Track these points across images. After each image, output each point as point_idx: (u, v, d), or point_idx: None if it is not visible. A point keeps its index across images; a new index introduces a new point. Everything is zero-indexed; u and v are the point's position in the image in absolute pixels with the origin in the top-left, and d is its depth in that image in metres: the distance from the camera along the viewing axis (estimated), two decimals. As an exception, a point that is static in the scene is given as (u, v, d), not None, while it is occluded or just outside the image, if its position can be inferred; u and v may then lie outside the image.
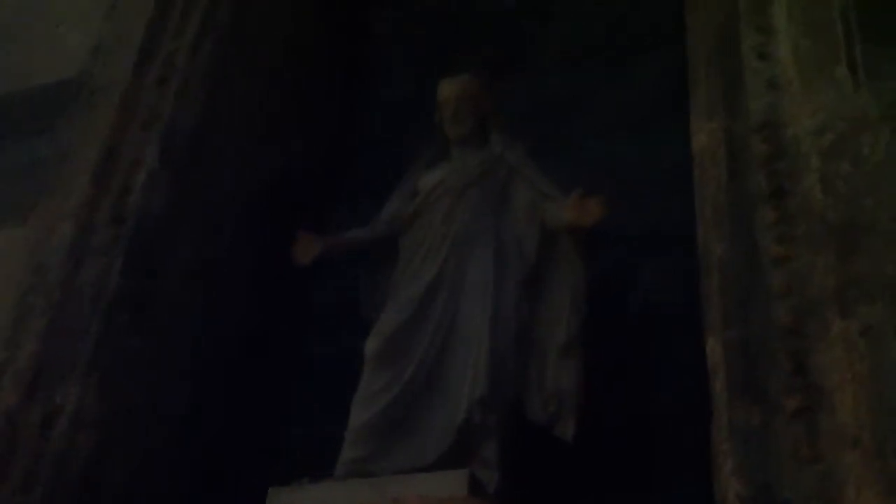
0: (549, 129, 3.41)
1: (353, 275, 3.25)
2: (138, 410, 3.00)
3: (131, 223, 3.10)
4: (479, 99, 3.22)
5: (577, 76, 3.63)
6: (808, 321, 2.20)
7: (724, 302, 2.28)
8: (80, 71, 3.55)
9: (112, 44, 3.55)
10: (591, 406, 2.75)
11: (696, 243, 2.74)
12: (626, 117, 3.43)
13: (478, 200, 3.04)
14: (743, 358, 2.20)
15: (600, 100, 3.49)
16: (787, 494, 2.04)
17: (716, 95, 2.54)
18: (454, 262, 2.93)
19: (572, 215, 2.81)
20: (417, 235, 3.04)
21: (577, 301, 2.83)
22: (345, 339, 3.22)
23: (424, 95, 3.46)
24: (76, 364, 2.87)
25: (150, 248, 3.14)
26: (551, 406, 2.73)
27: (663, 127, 3.25)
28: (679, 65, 3.27)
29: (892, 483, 1.94)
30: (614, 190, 2.88)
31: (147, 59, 3.40)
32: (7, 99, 3.67)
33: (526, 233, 2.98)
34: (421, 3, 4.13)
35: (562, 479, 2.76)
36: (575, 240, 2.87)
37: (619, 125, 3.40)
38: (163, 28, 3.50)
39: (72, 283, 3.02)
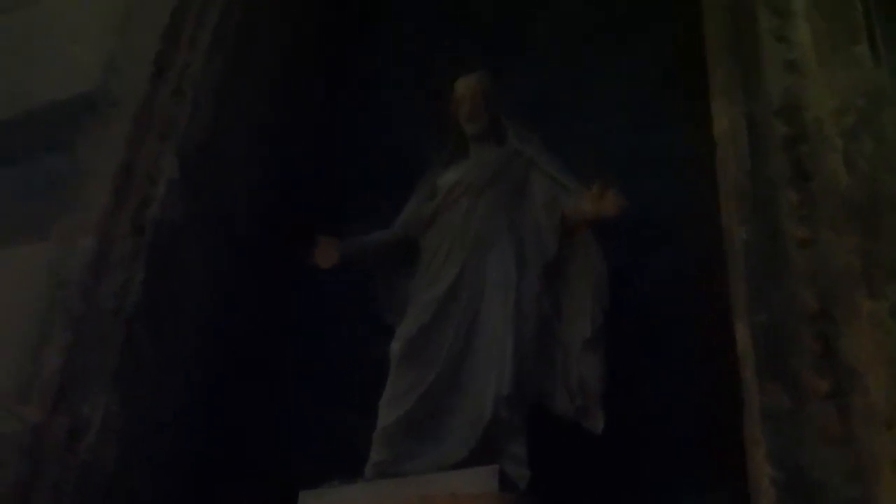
0: (548, 115, 3.38)
1: (364, 279, 3.24)
2: (159, 421, 3.01)
3: (151, 234, 3.11)
4: (493, 95, 3.21)
5: (573, 62, 3.61)
6: (836, 303, 2.18)
7: (749, 286, 2.26)
8: (95, 86, 3.56)
9: (126, 58, 3.57)
10: (614, 398, 2.73)
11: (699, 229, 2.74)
12: (623, 103, 3.41)
13: (497, 197, 3.02)
14: (771, 342, 2.18)
15: (595, 85, 3.46)
16: (821, 477, 2.01)
17: (735, 79, 2.52)
18: (475, 260, 2.92)
19: (594, 207, 2.79)
20: (438, 236, 3.03)
21: (600, 293, 2.81)
22: (357, 342, 3.23)
23: (424, 95, 3.50)
24: (100, 377, 2.89)
25: (169, 259, 3.16)
26: (578, 399, 2.71)
27: (661, 111, 3.26)
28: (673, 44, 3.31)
29: (927, 463, 1.91)
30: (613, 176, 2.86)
31: (162, 72, 3.42)
32: (24, 116, 3.69)
33: (545, 226, 2.97)
34: (416, 9, 4.12)
35: (590, 473, 2.74)
36: (595, 232, 2.85)
37: (617, 110, 3.38)
38: (176, 40, 3.52)
39: (94, 296, 3.03)
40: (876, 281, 2.15)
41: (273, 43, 3.85)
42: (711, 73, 2.66)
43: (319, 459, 2.98)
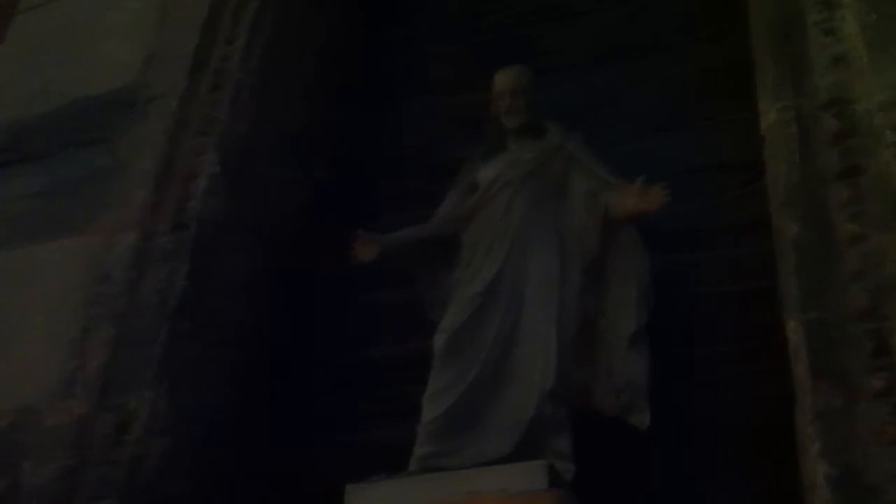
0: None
1: (401, 278, 3.24)
2: (203, 416, 3.02)
3: (193, 229, 3.13)
4: (532, 89, 3.20)
5: (601, 76, 3.58)
6: (888, 300, 2.16)
7: (800, 283, 2.24)
8: (135, 81, 3.58)
9: (164, 53, 3.58)
10: (658, 394, 2.73)
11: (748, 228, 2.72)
12: (652, 115, 3.39)
13: (537, 192, 3.02)
14: (823, 340, 2.17)
15: (626, 99, 3.44)
16: (874, 475, 2.00)
17: (782, 74, 2.50)
18: (517, 255, 2.92)
19: (635, 202, 2.78)
20: (479, 230, 3.03)
21: (645, 290, 2.80)
22: (393, 343, 3.25)
23: (457, 96, 3.50)
24: (146, 371, 2.91)
25: (210, 254, 3.17)
26: (624, 396, 2.71)
27: (690, 123, 3.24)
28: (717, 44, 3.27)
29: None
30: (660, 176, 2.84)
31: (201, 66, 3.43)
32: (63, 111, 3.70)
33: (586, 223, 2.95)
34: (447, 12, 4.10)
35: (634, 469, 2.75)
36: (640, 229, 2.84)
37: (647, 123, 3.36)
38: (214, 35, 3.53)
39: (137, 291, 3.05)
40: (928, 278, 2.13)
41: (307, 39, 3.85)
42: (758, 68, 2.63)
43: (356, 456, 3.00)
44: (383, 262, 3.13)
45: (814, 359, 2.15)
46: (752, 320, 2.80)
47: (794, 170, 2.36)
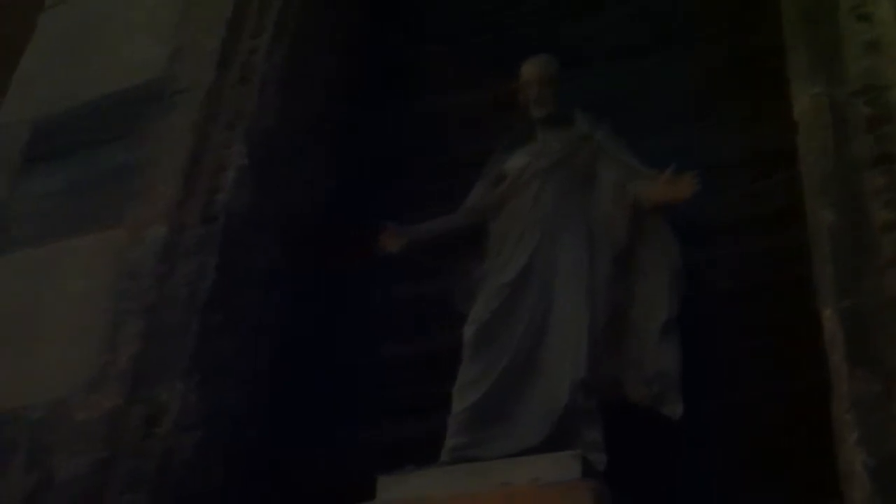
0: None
1: (426, 273, 3.24)
2: (232, 410, 3.03)
3: (221, 222, 3.13)
4: (560, 79, 3.19)
5: (627, 70, 3.56)
6: (924, 287, 2.15)
7: (836, 271, 2.23)
8: (161, 75, 3.59)
9: (190, 47, 3.59)
10: (689, 385, 2.71)
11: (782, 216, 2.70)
12: (679, 110, 3.36)
13: (566, 182, 3.00)
14: (859, 327, 2.15)
15: (652, 93, 3.41)
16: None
17: (814, 60, 2.48)
18: (546, 245, 2.90)
19: (664, 191, 2.76)
20: (507, 221, 3.02)
21: (676, 280, 2.78)
22: (419, 338, 3.23)
23: (481, 98, 3.49)
24: (177, 364, 2.91)
25: (238, 247, 3.18)
26: (655, 386, 2.69)
27: (716, 118, 3.21)
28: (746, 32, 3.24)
29: None
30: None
31: (227, 60, 3.43)
32: (90, 106, 3.72)
33: (615, 213, 2.93)
34: (469, 8, 4.08)
35: (666, 459, 2.73)
36: (670, 217, 2.83)
37: (676, 114, 3.33)
38: (240, 29, 3.53)
39: (167, 284, 3.06)
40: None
41: (332, 32, 3.85)
42: (790, 54, 2.61)
43: (383, 450, 2.99)
44: (411, 253, 3.13)
45: (850, 346, 2.14)
46: (784, 311, 2.78)
47: (828, 157, 2.34)
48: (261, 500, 2.98)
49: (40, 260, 3.44)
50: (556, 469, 2.41)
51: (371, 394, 3.27)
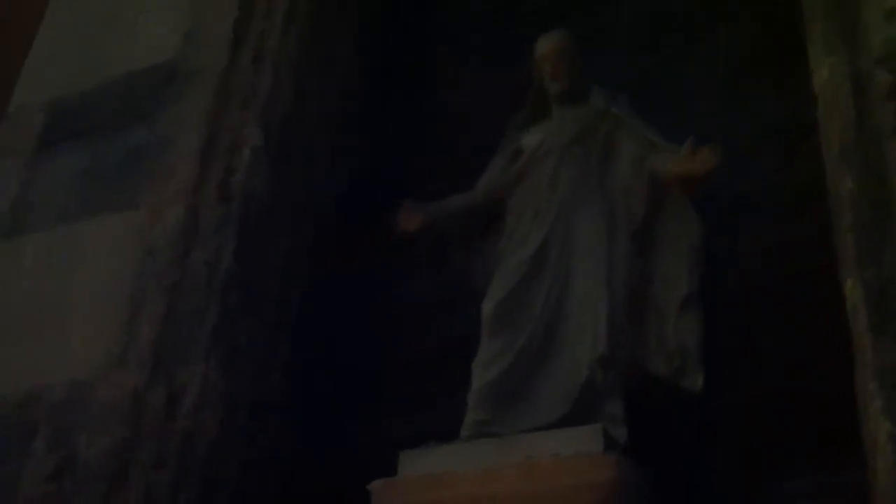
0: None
1: (445, 261, 3.24)
2: (253, 391, 3.03)
3: (238, 203, 3.13)
4: (575, 54, 3.17)
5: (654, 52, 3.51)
6: (948, 255, 2.13)
7: (858, 241, 2.21)
8: (175, 56, 3.59)
9: (204, 27, 3.58)
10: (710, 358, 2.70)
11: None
12: (708, 87, 3.32)
13: (583, 157, 2.99)
14: (883, 296, 2.13)
15: (680, 73, 3.36)
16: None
17: (834, 28, 2.45)
18: (564, 221, 2.90)
19: (685, 165, 2.74)
20: (524, 197, 3.01)
21: (696, 253, 2.78)
22: (439, 328, 3.22)
23: (501, 70, 3.47)
24: (197, 345, 2.92)
25: (256, 228, 3.17)
26: (676, 360, 2.69)
27: (748, 92, 3.17)
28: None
29: None
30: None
31: (240, 40, 3.42)
32: (104, 88, 3.72)
33: (633, 188, 2.92)
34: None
35: (686, 433, 2.73)
36: (688, 191, 2.81)
37: (703, 93, 3.29)
38: (252, 8, 3.52)
39: (185, 263, 3.06)
40: None
41: (346, 10, 3.82)
42: (809, 23, 2.58)
43: (403, 436, 2.99)
44: (428, 231, 3.13)
45: (873, 315, 2.12)
46: (809, 284, 2.76)
47: (849, 127, 2.32)
48: (282, 482, 3.00)
49: (60, 242, 3.45)
50: (578, 443, 2.41)
51: (393, 384, 3.27)
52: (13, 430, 3.07)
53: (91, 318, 3.18)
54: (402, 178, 3.58)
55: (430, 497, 2.48)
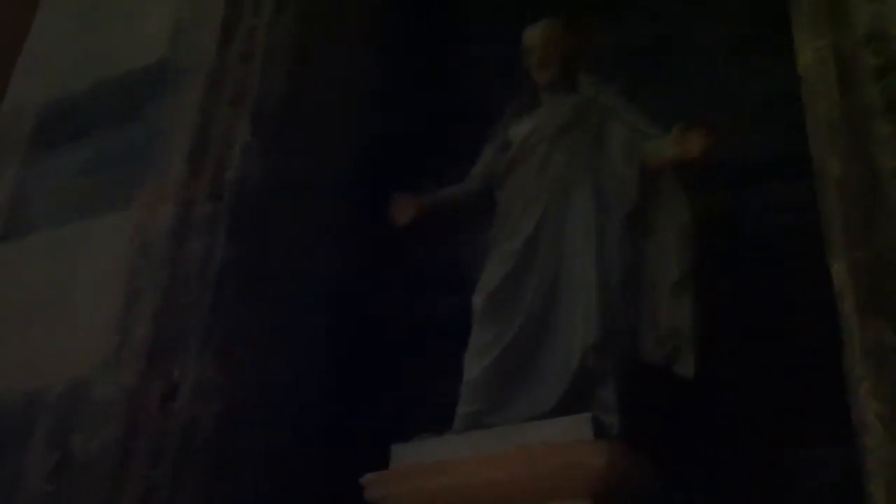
0: (644, 68, 3.31)
1: (453, 235, 3.24)
2: (253, 381, 3.05)
3: (230, 198, 3.14)
4: (564, 42, 3.15)
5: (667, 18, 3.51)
6: (933, 235, 2.12)
7: (845, 222, 2.20)
8: (165, 54, 3.60)
9: (193, 25, 3.59)
10: (708, 342, 2.70)
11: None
12: (720, 51, 3.32)
13: (573, 145, 2.98)
14: (870, 278, 2.13)
15: (693, 37, 3.37)
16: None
17: (818, 9, 2.44)
18: (555, 210, 2.89)
19: (676, 150, 2.74)
20: (515, 187, 3.00)
21: (686, 237, 2.77)
22: (450, 299, 3.20)
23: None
24: (191, 339, 2.93)
25: (249, 222, 3.18)
26: (668, 345, 2.68)
27: (759, 57, 3.16)
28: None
29: None
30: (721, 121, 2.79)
31: (229, 37, 3.43)
32: (95, 87, 3.74)
33: (625, 175, 2.91)
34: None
35: (680, 419, 2.73)
36: (681, 175, 2.81)
37: (715, 59, 3.29)
38: (240, 5, 3.52)
39: (178, 260, 3.08)
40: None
41: (337, 9, 3.80)
42: (793, 6, 2.57)
43: (415, 415, 3.01)
44: (422, 222, 3.13)
45: (860, 296, 2.11)
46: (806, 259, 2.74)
47: (834, 107, 2.31)
48: (279, 477, 3.01)
49: (60, 240, 3.47)
50: (568, 431, 2.41)
51: (407, 356, 3.28)
52: (12, 428, 3.09)
53: (89, 317, 3.21)
54: (401, 169, 3.57)
55: (423, 484, 2.49)
